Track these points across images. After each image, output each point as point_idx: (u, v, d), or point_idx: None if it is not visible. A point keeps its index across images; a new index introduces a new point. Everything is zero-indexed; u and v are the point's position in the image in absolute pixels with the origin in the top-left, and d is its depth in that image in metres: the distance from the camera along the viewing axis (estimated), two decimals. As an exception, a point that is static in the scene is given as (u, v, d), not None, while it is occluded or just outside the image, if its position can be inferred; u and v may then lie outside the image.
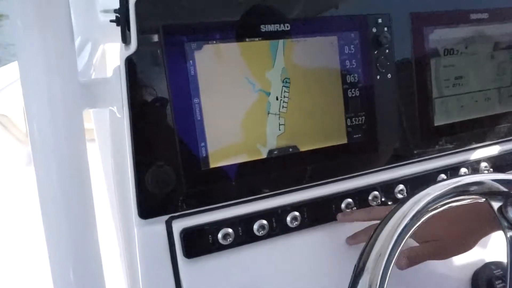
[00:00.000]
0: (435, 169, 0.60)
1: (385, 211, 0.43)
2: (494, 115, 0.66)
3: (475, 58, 0.64)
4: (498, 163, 0.65)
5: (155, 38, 0.44)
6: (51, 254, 0.43)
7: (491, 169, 0.64)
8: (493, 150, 0.66)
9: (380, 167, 0.57)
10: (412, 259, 0.46)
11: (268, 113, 0.50)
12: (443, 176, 0.60)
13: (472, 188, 0.31)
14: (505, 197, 0.30)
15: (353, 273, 0.28)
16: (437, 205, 0.29)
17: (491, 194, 0.31)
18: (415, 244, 0.49)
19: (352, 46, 0.54)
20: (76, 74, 0.45)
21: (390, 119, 0.57)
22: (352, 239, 0.53)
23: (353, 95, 0.54)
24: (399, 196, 0.57)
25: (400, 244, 0.27)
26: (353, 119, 0.54)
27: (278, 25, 0.49)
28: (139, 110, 0.44)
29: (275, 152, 0.50)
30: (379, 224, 0.30)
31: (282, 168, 0.51)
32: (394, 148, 0.58)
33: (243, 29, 0.48)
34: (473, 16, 0.63)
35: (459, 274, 0.54)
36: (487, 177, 0.32)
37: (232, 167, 0.48)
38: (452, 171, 0.61)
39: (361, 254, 0.28)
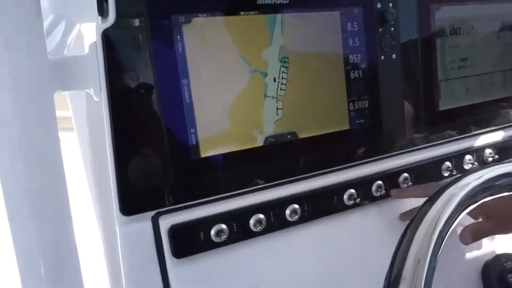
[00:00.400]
0: (440, 156, 0.57)
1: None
2: (498, 100, 0.63)
3: (481, 39, 0.60)
4: (503, 150, 0.62)
5: (137, 9, 0.39)
6: (19, 254, 0.38)
7: (496, 156, 0.61)
8: (497, 136, 0.63)
9: (383, 155, 0.53)
10: (476, 234, 0.46)
11: (265, 96, 0.45)
12: (448, 164, 0.57)
13: (505, 181, 0.27)
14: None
15: (385, 281, 0.24)
16: (471, 201, 0.25)
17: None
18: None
19: (355, 23, 0.49)
20: (45, 51, 0.39)
21: (394, 104, 0.53)
22: (406, 216, 0.51)
23: (356, 77, 0.49)
24: (404, 185, 0.53)
25: (441, 246, 0.23)
26: (356, 103, 0.50)
27: (275, -3, 0.44)
28: (119, 92, 0.38)
29: (272, 139, 0.46)
30: (410, 224, 0.25)
31: (280, 157, 0.46)
32: (398, 135, 0.54)
33: (238, 1, 0.42)
34: (480, -7, 0.59)
35: (469, 266, 0.51)
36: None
37: (225, 156, 0.43)
38: (457, 158, 0.58)
39: (393, 260, 0.24)
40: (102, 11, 0.40)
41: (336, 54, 0.48)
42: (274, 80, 0.45)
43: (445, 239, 0.24)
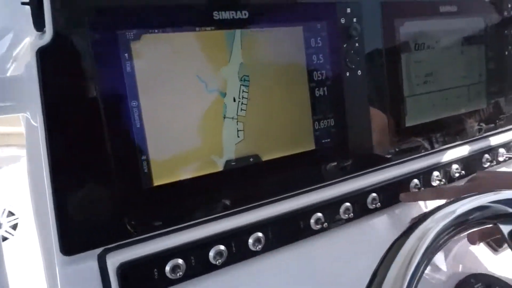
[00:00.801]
0: (408, 174, 0.55)
1: (453, 191, 0.51)
2: (463, 114, 0.63)
3: (445, 53, 0.60)
4: (469, 164, 0.62)
5: (79, 23, 0.35)
6: None
7: (463, 172, 0.60)
8: (463, 150, 0.62)
9: (350, 175, 0.51)
10: (484, 235, 0.46)
11: (224, 117, 0.42)
12: (416, 181, 0.55)
13: (477, 215, 0.25)
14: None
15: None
16: (443, 239, 0.23)
17: (498, 217, 0.26)
18: None
19: (319, 38, 0.47)
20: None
21: (360, 121, 0.51)
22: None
23: (321, 95, 0.47)
24: (372, 206, 0.51)
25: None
26: (322, 121, 0.48)
27: (234, 12, 0.41)
28: (58, 117, 0.34)
29: (233, 163, 0.43)
30: (378, 267, 0.23)
31: (242, 181, 0.43)
32: (365, 153, 0.52)
33: (192, 16, 0.39)
34: (443, 9, 0.59)
35: (441, 286, 0.50)
36: (490, 198, 0.26)
37: (181, 184, 0.39)
38: (425, 175, 0.57)
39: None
40: (39, 25, 0.35)
41: (299, 71, 0.46)
42: (234, 100, 0.42)
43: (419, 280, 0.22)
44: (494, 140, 0.67)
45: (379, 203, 0.51)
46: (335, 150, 0.49)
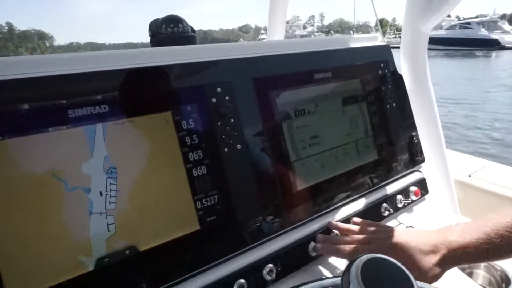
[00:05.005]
0: (304, 237, 0.56)
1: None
2: (356, 168, 0.66)
3: (326, 116, 0.64)
4: (367, 217, 0.64)
5: None
6: None
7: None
8: (360, 204, 0.65)
9: (243, 249, 0.50)
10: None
11: (91, 214, 0.40)
12: (314, 244, 0.56)
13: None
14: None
15: None
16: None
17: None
18: None
19: (190, 120, 0.48)
20: None
21: (247, 193, 0.52)
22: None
23: (200, 174, 0.48)
24: (268, 277, 0.50)
25: None
26: (204, 200, 0.48)
27: (91, 107, 0.41)
28: None
29: (106, 259, 0.41)
30: None
31: (117, 278, 0.41)
32: (256, 224, 0.52)
33: (43, 117, 0.39)
34: (318, 76, 0.63)
35: None
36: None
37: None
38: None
39: None
40: None
41: (173, 154, 0.46)
42: (101, 194, 0.41)
43: None
44: (391, 188, 0.70)
45: (274, 275, 0.50)
46: (223, 226, 0.49)
